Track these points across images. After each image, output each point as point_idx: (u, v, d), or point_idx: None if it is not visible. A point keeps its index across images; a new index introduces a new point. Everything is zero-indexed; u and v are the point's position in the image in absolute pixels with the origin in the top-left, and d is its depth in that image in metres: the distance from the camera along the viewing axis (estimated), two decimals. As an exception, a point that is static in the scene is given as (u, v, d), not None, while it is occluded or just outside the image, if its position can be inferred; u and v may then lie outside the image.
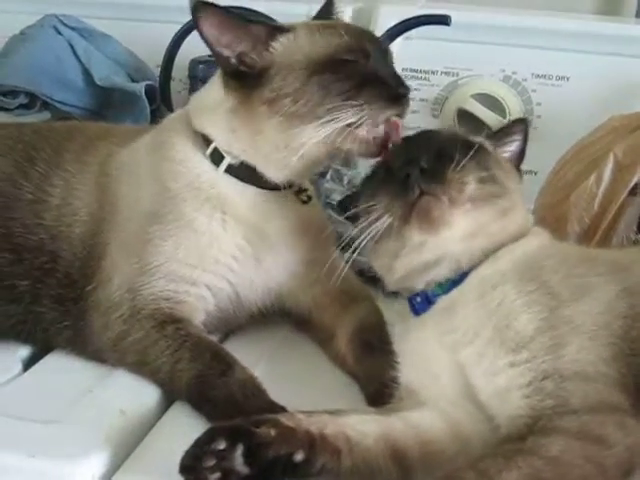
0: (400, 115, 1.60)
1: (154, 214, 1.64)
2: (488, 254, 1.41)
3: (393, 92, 1.59)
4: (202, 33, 1.58)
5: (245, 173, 1.66)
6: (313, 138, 1.57)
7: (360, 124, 1.56)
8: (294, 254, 1.71)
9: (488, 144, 1.53)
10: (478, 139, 1.52)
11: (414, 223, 1.36)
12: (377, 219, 1.38)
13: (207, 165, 1.67)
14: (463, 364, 1.33)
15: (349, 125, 1.56)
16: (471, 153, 1.39)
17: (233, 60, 1.62)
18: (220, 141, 1.66)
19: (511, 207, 1.43)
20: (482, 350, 1.30)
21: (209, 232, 1.63)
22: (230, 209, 1.65)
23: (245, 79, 1.62)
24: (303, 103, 1.56)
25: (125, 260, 1.64)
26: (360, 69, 1.58)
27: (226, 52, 1.61)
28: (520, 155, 1.58)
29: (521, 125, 1.60)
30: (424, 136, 1.52)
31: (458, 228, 1.37)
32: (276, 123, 1.59)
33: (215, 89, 1.68)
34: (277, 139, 1.60)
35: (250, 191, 1.67)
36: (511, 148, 1.57)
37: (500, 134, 1.59)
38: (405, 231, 1.38)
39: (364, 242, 1.41)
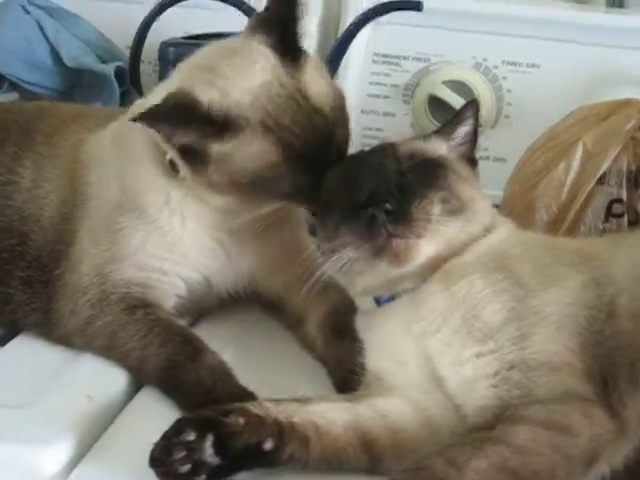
0: None
1: (121, 206, 1.63)
2: (454, 256, 1.41)
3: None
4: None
5: None
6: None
7: None
8: (262, 242, 1.70)
9: (444, 147, 1.52)
10: (434, 146, 1.52)
11: (384, 260, 1.36)
12: (343, 254, 1.37)
13: (164, 169, 1.63)
14: (430, 354, 1.34)
15: None
16: (434, 191, 1.38)
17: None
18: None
19: (473, 215, 1.42)
20: (449, 340, 1.31)
21: (173, 232, 1.63)
22: (192, 210, 1.63)
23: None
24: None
25: (95, 247, 1.63)
26: (280, 186, 1.55)
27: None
28: (473, 138, 1.56)
29: (471, 108, 1.57)
30: (383, 159, 1.46)
31: (424, 255, 1.37)
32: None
33: None
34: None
35: None
36: (464, 133, 1.55)
37: (453, 122, 1.56)
38: (373, 263, 1.37)
39: (329, 271, 1.42)
